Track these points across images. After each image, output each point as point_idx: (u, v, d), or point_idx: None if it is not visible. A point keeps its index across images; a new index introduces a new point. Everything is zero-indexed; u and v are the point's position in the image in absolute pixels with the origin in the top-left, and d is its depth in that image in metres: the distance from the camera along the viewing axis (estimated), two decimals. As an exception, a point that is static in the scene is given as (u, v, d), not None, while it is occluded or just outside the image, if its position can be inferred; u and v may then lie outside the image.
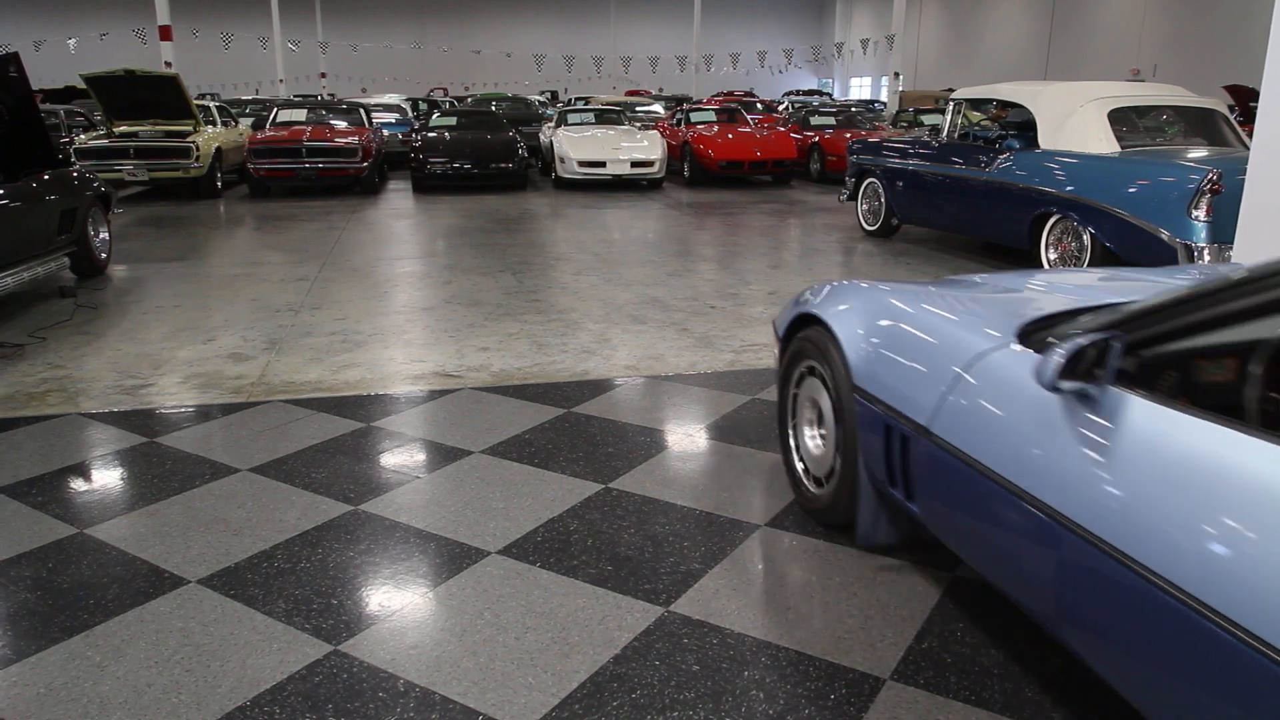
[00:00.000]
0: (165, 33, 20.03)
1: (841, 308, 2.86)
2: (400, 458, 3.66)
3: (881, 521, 2.80)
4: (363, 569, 2.80)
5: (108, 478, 3.49)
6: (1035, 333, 2.16)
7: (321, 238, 9.26)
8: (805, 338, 3.01)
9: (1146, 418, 1.67)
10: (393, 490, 3.36)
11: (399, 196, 12.93)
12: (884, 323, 2.65)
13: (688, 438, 3.87)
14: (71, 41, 31.72)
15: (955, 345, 2.31)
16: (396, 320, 5.88)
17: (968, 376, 2.19)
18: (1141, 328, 1.77)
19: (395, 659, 2.35)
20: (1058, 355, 1.78)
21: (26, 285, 6.33)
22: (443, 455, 3.68)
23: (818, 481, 3.06)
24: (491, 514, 3.16)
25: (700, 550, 2.90)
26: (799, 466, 3.18)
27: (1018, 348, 2.11)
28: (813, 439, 3.10)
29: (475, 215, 10.92)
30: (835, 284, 3.02)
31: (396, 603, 2.62)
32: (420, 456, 3.67)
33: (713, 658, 2.36)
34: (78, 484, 3.43)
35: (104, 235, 7.46)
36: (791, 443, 3.21)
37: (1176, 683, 1.51)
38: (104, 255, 7.42)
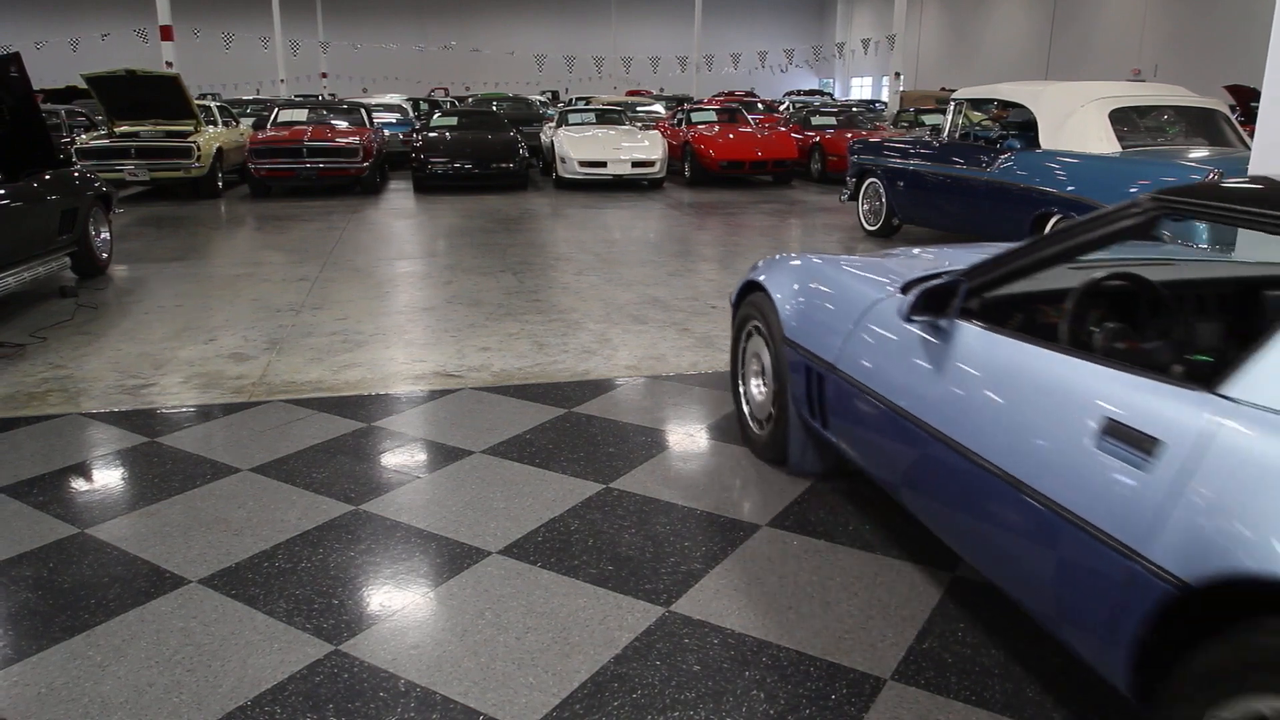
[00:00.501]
0: (166, 33, 20.04)
1: (778, 275, 3.37)
2: (401, 458, 3.66)
3: (809, 452, 3.36)
4: (363, 569, 2.80)
5: (109, 478, 3.49)
6: (913, 285, 2.65)
7: (322, 238, 9.26)
8: (751, 302, 3.52)
9: (977, 340, 2.24)
10: (393, 490, 3.36)
11: (400, 196, 12.94)
12: (810, 285, 3.19)
13: (689, 438, 3.87)
14: (73, 41, 31.75)
15: (858, 299, 2.86)
16: (397, 320, 5.89)
17: (864, 321, 2.75)
18: (978, 276, 2.32)
19: (396, 659, 2.35)
20: (913, 296, 2.37)
21: (27, 285, 6.34)
22: (443, 455, 3.68)
23: (760, 424, 3.58)
24: (492, 514, 3.16)
25: (701, 550, 2.91)
26: (746, 411, 3.71)
27: (899, 296, 2.63)
28: (757, 388, 3.61)
29: (476, 215, 10.92)
30: (776, 257, 3.55)
31: (397, 603, 2.62)
32: (421, 456, 3.67)
33: (713, 658, 2.36)
34: (79, 484, 3.43)
35: (105, 235, 7.46)
36: (741, 392, 3.74)
37: (985, 529, 2.13)
38: (105, 255, 7.43)
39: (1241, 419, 1.53)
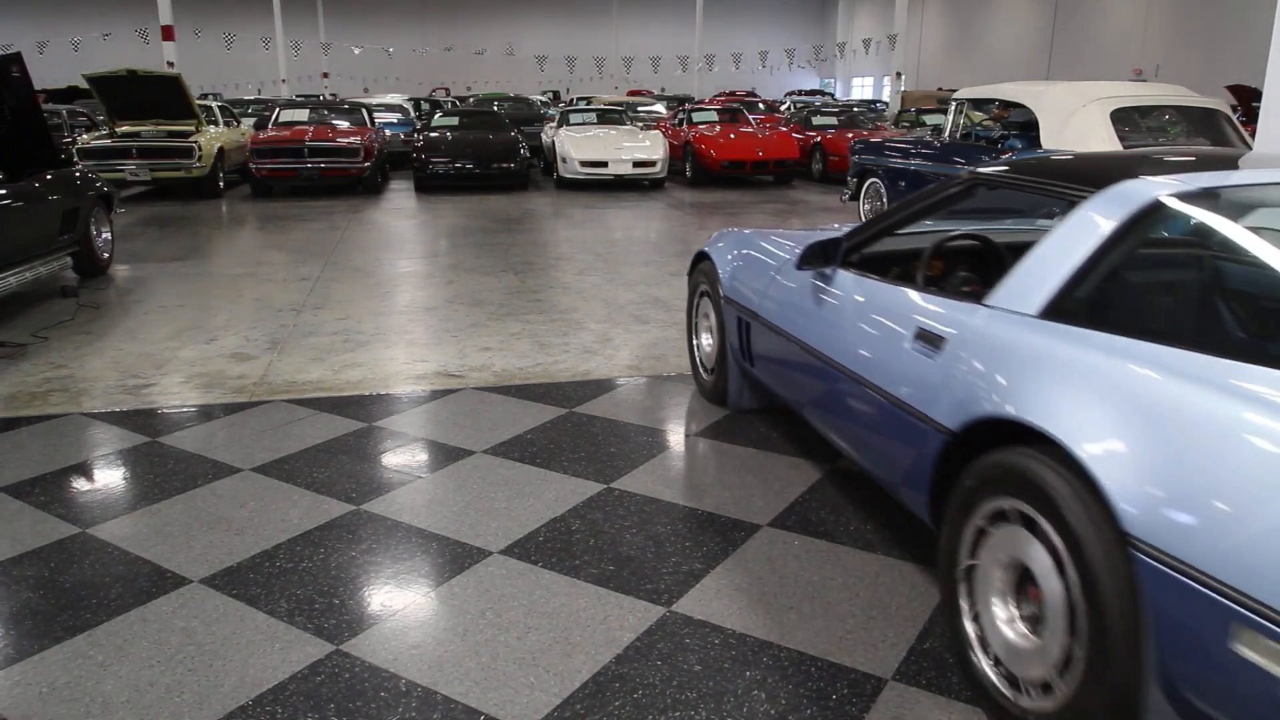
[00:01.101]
0: (168, 33, 20.06)
1: (720, 245, 4.08)
2: (402, 457, 3.66)
3: (744, 392, 4.06)
4: (365, 569, 2.80)
5: (110, 477, 3.50)
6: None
7: (324, 238, 9.26)
8: (700, 270, 4.23)
9: (849, 282, 2.93)
10: (395, 490, 3.36)
11: (401, 196, 12.94)
12: (742, 252, 3.86)
13: (690, 438, 3.87)
14: (74, 41, 31.77)
15: (773, 259, 3.55)
16: (399, 320, 5.89)
17: (776, 277, 3.44)
18: (854, 237, 3.03)
19: (397, 659, 2.35)
20: (803, 250, 3.09)
21: (29, 285, 6.34)
22: (445, 455, 3.68)
23: (707, 371, 4.30)
24: (493, 514, 3.16)
25: (702, 550, 2.91)
26: (698, 360, 4.41)
27: (787, 248, 3.51)
28: (707, 341, 4.31)
29: (477, 215, 10.93)
30: (721, 231, 4.20)
31: (398, 602, 2.62)
32: (422, 456, 3.67)
33: (715, 658, 2.36)
34: (80, 483, 3.43)
35: (106, 235, 7.47)
36: (694, 345, 4.45)
37: (847, 419, 2.83)
38: (106, 255, 7.43)
39: (991, 318, 2.24)
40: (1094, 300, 2.11)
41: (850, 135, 14.48)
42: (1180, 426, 1.66)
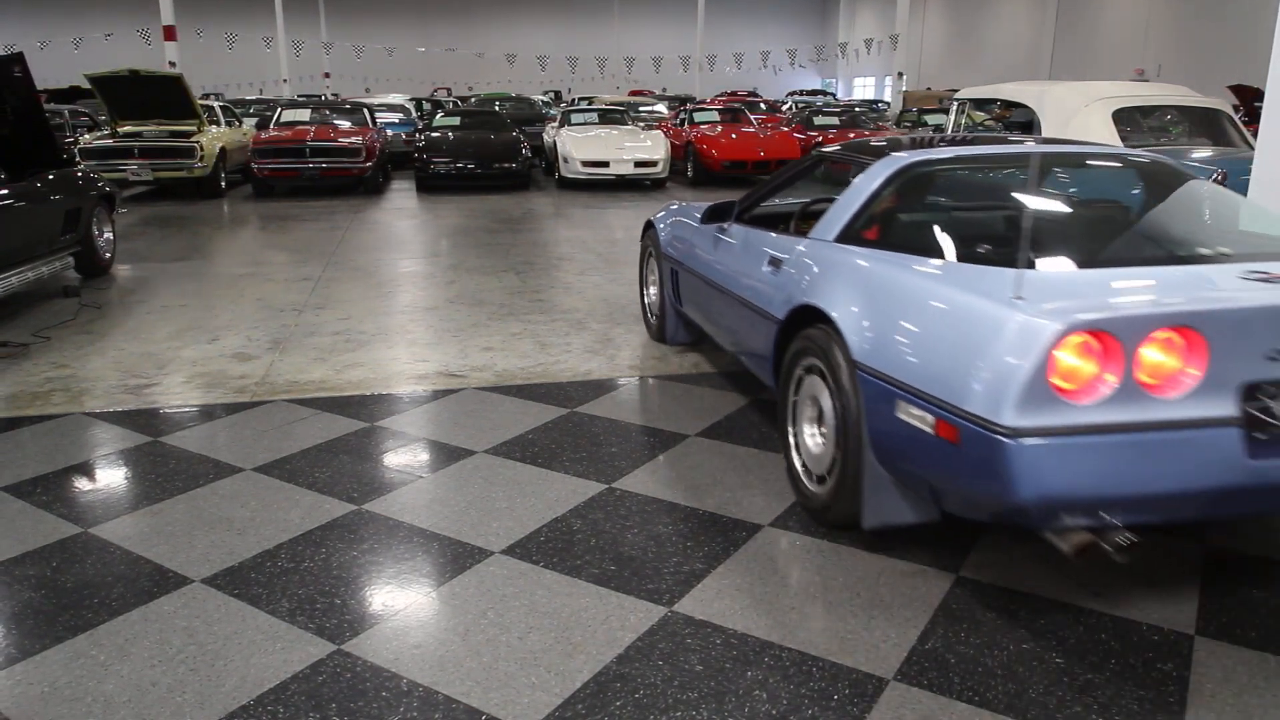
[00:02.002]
0: (169, 33, 20.09)
1: (661, 214, 5.15)
2: (404, 457, 3.66)
3: (679, 330, 5.12)
4: (366, 568, 2.80)
5: (112, 477, 3.50)
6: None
7: (325, 238, 9.27)
8: (648, 236, 5.31)
9: (738, 231, 3.95)
10: (396, 490, 3.36)
11: (402, 196, 12.95)
12: (675, 219, 4.93)
13: (691, 438, 3.87)
14: (76, 41, 31.80)
15: (693, 221, 4.56)
16: (400, 320, 5.89)
17: (693, 234, 4.49)
18: (747, 199, 4.07)
19: (398, 658, 2.36)
20: (707, 209, 4.18)
21: (31, 285, 6.35)
22: (446, 455, 3.68)
23: (655, 315, 5.29)
24: (495, 514, 3.16)
25: (703, 550, 2.90)
26: (645, 306, 5.48)
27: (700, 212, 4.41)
28: (653, 293, 5.29)
29: (479, 215, 10.93)
30: (666, 205, 5.22)
31: (400, 602, 2.62)
32: (424, 456, 3.68)
33: (716, 658, 2.36)
34: (82, 483, 3.44)
35: (108, 235, 7.47)
36: (643, 297, 5.49)
37: (731, 328, 3.87)
38: (108, 255, 7.44)
39: (808, 245, 3.30)
40: (863, 228, 3.25)
41: (852, 135, 14.47)
42: (884, 296, 2.75)
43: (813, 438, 3.11)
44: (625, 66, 38.65)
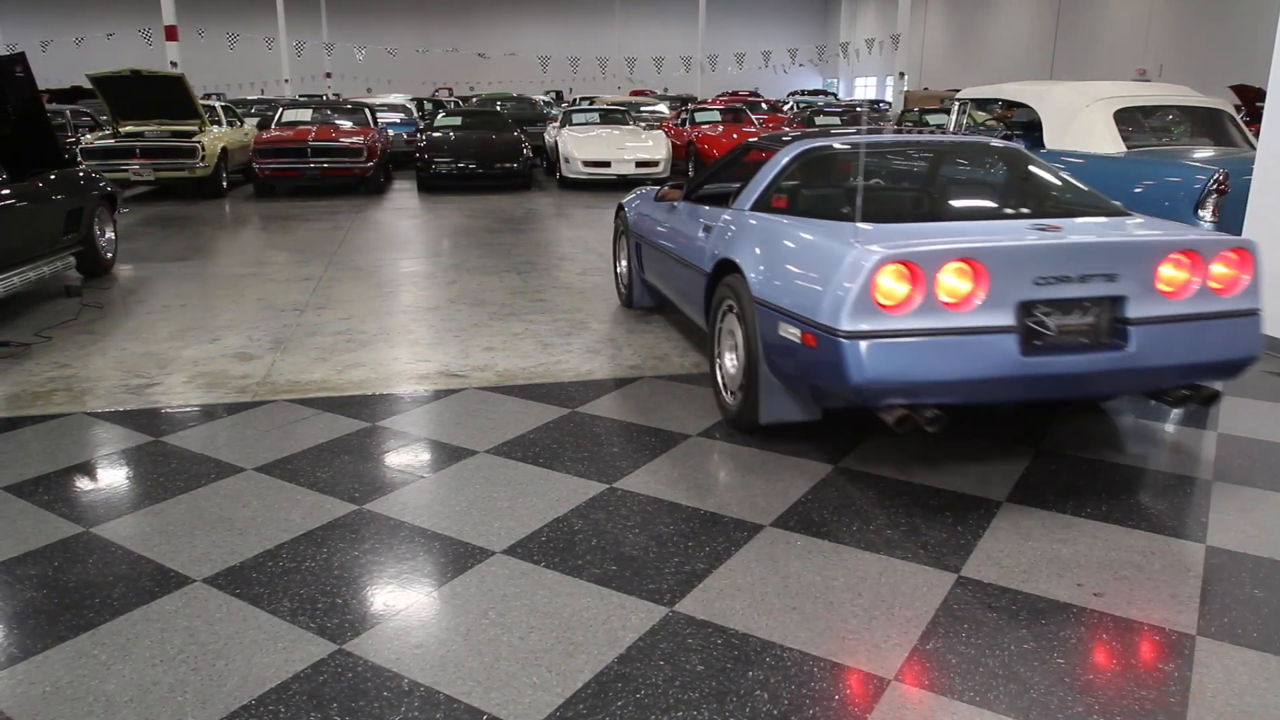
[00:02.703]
0: (171, 33, 20.11)
1: (629, 198, 6.08)
2: (405, 457, 3.66)
3: (644, 295, 5.99)
4: (367, 568, 2.80)
5: (113, 477, 3.50)
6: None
7: (327, 237, 9.27)
8: (620, 217, 6.18)
9: (688, 207, 4.79)
10: (397, 490, 3.36)
11: (404, 196, 12.95)
12: (640, 202, 5.84)
13: (692, 438, 3.87)
14: (78, 41, 31.82)
15: (652, 200, 5.48)
16: (401, 320, 5.89)
17: (653, 212, 5.35)
18: (692, 181, 5.02)
19: (400, 658, 2.36)
20: (660, 190, 5.33)
21: (33, 285, 6.36)
22: (447, 455, 3.68)
23: (624, 284, 6.21)
24: (496, 513, 3.16)
25: (705, 550, 2.90)
26: (618, 276, 6.35)
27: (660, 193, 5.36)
28: (623, 266, 6.19)
29: (480, 215, 10.93)
30: (635, 191, 6.16)
31: (401, 602, 2.62)
32: (425, 456, 3.68)
33: (717, 658, 2.36)
34: (83, 483, 3.44)
35: (110, 235, 7.48)
36: (616, 269, 6.39)
37: (681, 287, 4.69)
38: (110, 255, 7.44)
39: (730, 214, 4.15)
40: (769, 198, 4.17)
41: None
42: (771, 247, 3.65)
43: (731, 362, 4.00)
44: (627, 66, 38.66)
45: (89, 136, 12.73)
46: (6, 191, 5.92)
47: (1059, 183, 4.19)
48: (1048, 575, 2.76)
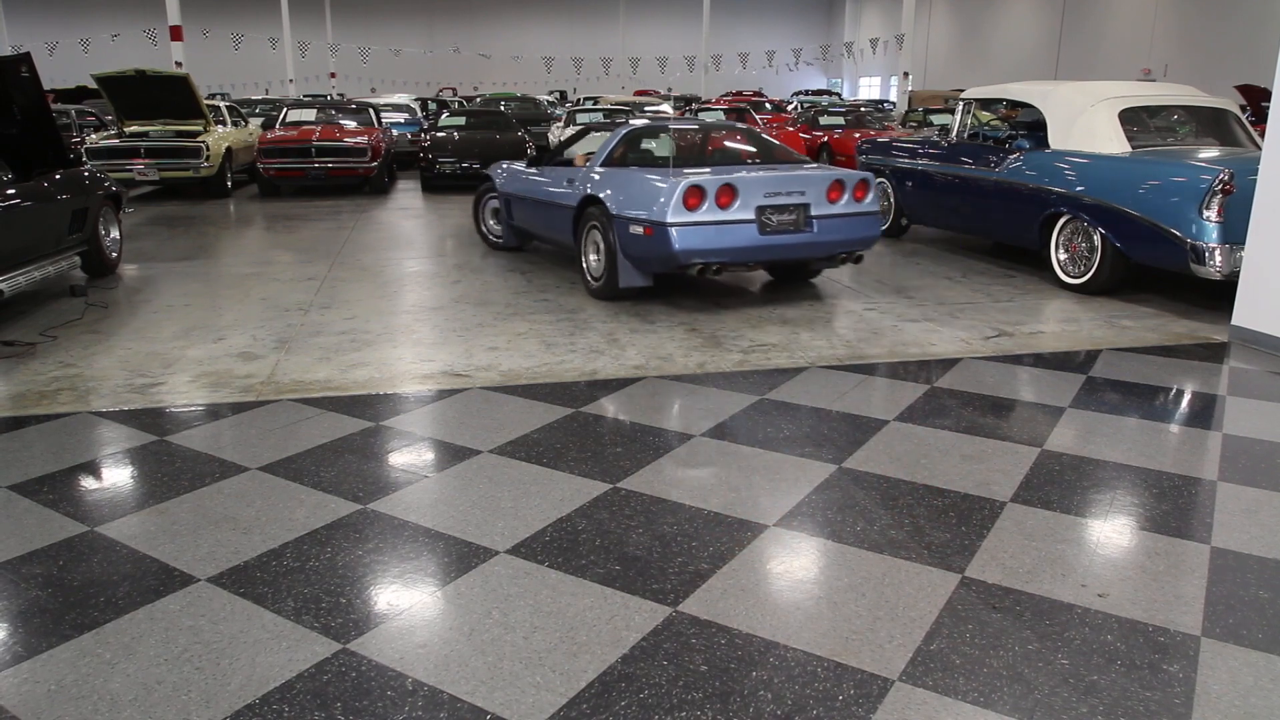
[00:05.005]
0: (176, 33, 20.14)
1: (493, 169, 8.22)
2: (409, 457, 3.67)
3: (511, 238, 8.25)
4: (371, 568, 2.81)
5: (118, 476, 3.51)
6: (534, 161, 7.88)
7: (331, 237, 9.28)
8: (482, 185, 8.54)
9: (550, 169, 7.26)
10: (401, 489, 3.37)
11: (408, 196, 12.96)
12: (506, 171, 7.96)
13: (696, 437, 3.87)
14: (83, 41, 31.89)
15: (521, 170, 7.73)
16: (405, 320, 5.90)
17: (521, 175, 7.66)
18: (552, 153, 7.87)
19: (404, 658, 2.36)
20: (529, 160, 7.89)
21: (38, 284, 6.37)
22: (451, 454, 3.68)
23: (493, 235, 8.50)
24: (500, 513, 3.16)
25: (708, 550, 2.90)
26: (485, 231, 8.57)
27: (524, 164, 7.85)
28: (491, 221, 8.49)
29: (484, 215, 10.93)
30: (494, 166, 8.25)
31: (405, 601, 2.62)
32: (429, 456, 3.68)
33: (720, 658, 2.35)
34: (88, 482, 3.45)
35: (115, 234, 7.49)
36: (481, 226, 8.58)
37: (551, 225, 7.11)
38: (114, 254, 7.46)
39: (585, 170, 6.62)
40: (614, 157, 6.61)
41: (857, 135, 14.45)
42: (621, 185, 6.07)
43: (594, 259, 6.43)
44: (630, 66, 38.65)
45: (94, 136, 12.76)
46: (12, 191, 5.93)
47: (775, 145, 6.97)
48: (1052, 576, 2.75)
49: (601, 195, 6.07)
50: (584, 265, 6.48)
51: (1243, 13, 25.87)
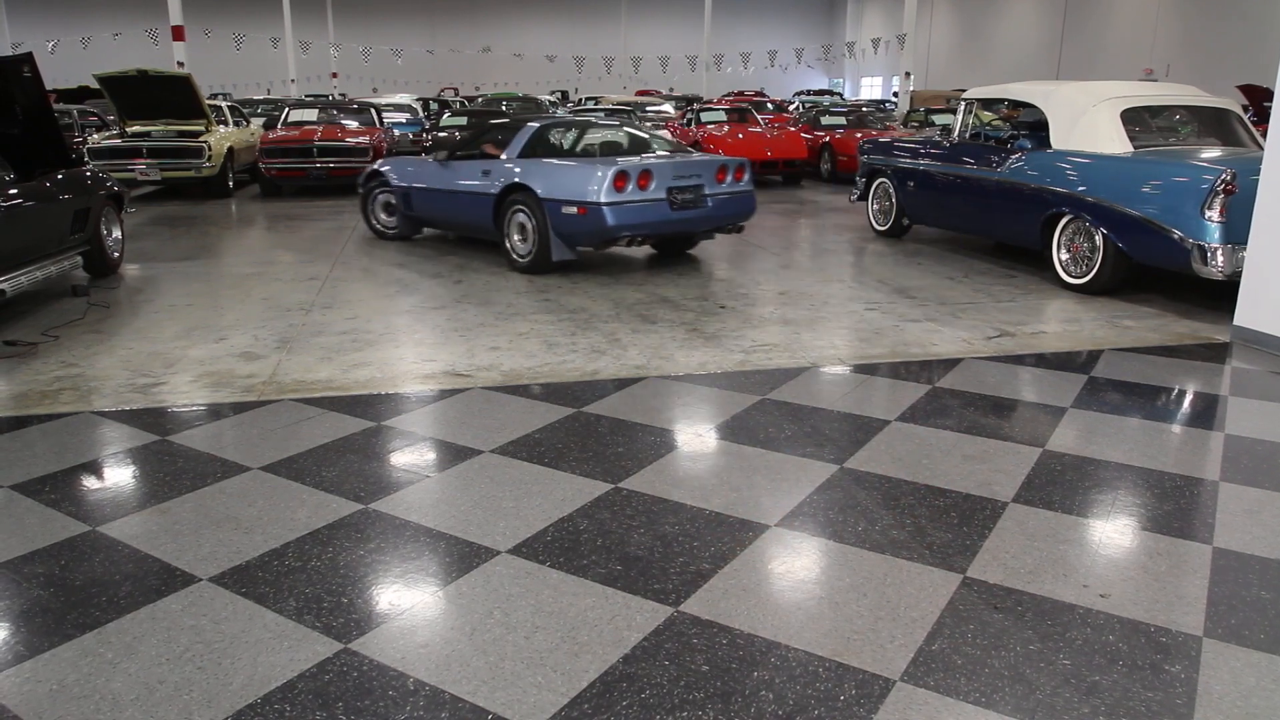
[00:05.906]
0: (178, 33, 20.15)
1: (379, 164, 9.06)
2: (410, 457, 3.67)
3: (408, 227, 9.03)
4: (373, 567, 2.81)
5: (120, 476, 3.51)
6: (431, 150, 9.51)
7: (332, 237, 9.29)
8: (370, 181, 9.12)
9: (459, 163, 8.10)
10: (403, 489, 3.37)
11: (409, 196, 12.95)
12: (398, 164, 8.83)
13: (697, 437, 3.87)
14: (85, 41, 31.90)
15: (417, 162, 8.64)
16: (407, 319, 5.90)
17: (419, 168, 8.50)
18: (457, 146, 8.45)
19: (405, 657, 2.36)
20: (433, 151, 8.73)
21: (40, 284, 6.37)
22: (453, 454, 3.68)
23: (387, 227, 9.14)
24: (501, 513, 3.16)
25: (710, 550, 2.90)
26: (378, 225, 9.18)
27: (431, 157, 8.49)
28: (384, 213, 9.12)
29: (485, 215, 10.93)
30: (379, 162, 9.32)
31: (406, 601, 2.62)
32: (430, 455, 3.68)
33: (722, 658, 2.35)
34: (90, 482, 3.45)
35: (117, 234, 7.50)
36: (371, 219, 9.21)
37: (466, 215, 8.02)
38: (116, 254, 7.46)
39: (503, 161, 7.61)
40: (531, 151, 7.65)
41: (859, 135, 14.45)
42: (548, 173, 7.13)
43: (519, 240, 7.36)
44: (632, 66, 38.64)
45: (96, 136, 12.77)
46: (14, 191, 5.94)
47: (656, 135, 8.32)
48: (1053, 576, 2.75)
49: (528, 182, 7.10)
50: (508, 245, 7.43)
51: (1244, 13, 25.85)
